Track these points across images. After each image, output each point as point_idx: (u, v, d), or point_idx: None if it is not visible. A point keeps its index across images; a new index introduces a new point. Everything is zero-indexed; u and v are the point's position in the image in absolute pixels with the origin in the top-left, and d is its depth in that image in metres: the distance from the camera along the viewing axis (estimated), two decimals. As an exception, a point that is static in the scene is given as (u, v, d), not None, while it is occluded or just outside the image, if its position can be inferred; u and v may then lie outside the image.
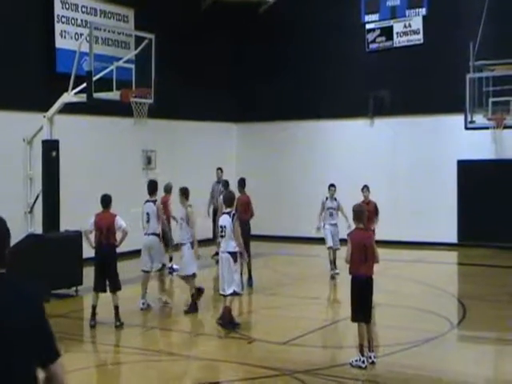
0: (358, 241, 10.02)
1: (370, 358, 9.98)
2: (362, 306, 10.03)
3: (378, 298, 14.17)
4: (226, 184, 18.10)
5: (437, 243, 21.50)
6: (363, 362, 9.81)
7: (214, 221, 19.21)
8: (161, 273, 14.27)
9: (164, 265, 14.34)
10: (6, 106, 17.35)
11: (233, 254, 11.89)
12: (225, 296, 12.06)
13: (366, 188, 16.84)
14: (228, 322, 12.04)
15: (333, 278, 16.78)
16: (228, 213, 12.01)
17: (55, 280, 14.94)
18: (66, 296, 15.25)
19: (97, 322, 12.61)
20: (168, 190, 17.50)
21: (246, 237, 16.41)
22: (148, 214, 13.92)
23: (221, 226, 11.99)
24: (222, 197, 14.13)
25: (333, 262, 17.05)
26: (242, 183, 16.89)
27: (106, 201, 12.87)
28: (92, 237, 12.85)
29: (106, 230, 12.63)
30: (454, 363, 10.59)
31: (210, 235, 19.41)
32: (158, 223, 13.98)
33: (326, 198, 17.25)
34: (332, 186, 17.52)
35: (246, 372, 10.04)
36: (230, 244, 11.90)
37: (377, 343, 10.37)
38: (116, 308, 12.60)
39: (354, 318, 10.10)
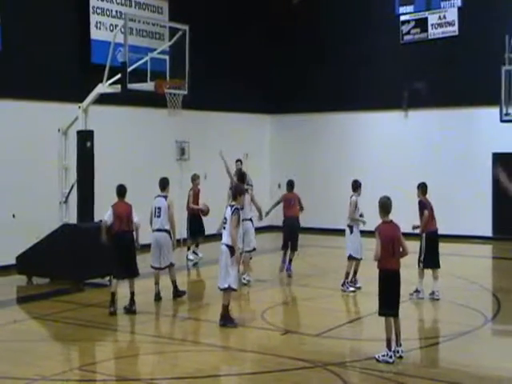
0: (387, 235, 9.95)
1: (398, 352, 9.94)
2: (390, 300, 9.96)
3: (411, 291, 14.14)
4: (241, 175, 16.51)
5: (471, 236, 21.34)
6: (390, 356, 9.77)
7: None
8: (171, 270, 14.09)
9: (172, 264, 14.03)
10: (41, 97, 17.54)
11: (230, 248, 11.74)
12: (220, 289, 11.91)
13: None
14: (226, 319, 11.80)
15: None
16: (231, 206, 11.91)
17: (89, 270, 15.10)
18: (100, 285, 15.39)
19: (116, 309, 12.79)
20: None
21: (289, 231, 16.43)
22: (159, 208, 13.80)
23: (225, 218, 11.92)
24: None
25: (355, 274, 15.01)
26: (290, 184, 16.74)
27: (123, 191, 13.19)
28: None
29: (126, 218, 12.92)
30: (488, 358, 10.50)
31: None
32: (167, 219, 13.81)
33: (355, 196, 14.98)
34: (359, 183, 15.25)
35: (278, 364, 10.05)
36: (228, 237, 11.81)
37: (409, 337, 10.32)
38: (132, 294, 12.86)
39: (382, 312, 10.05)
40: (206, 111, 22.69)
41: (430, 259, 13.85)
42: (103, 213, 13.19)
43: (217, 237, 12.77)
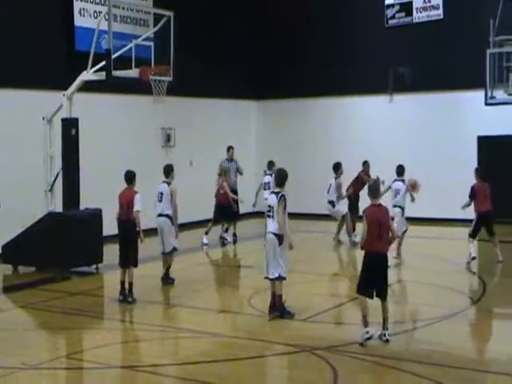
0: (373, 218, 9.98)
1: (385, 335, 10.00)
2: (373, 282, 9.99)
3: (399, 275, 14.24)
4: (271, 164, 18.97)
5: (457, 220, 21.41)
6: (367, 332, 9.85)
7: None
8: (170, 255, 14.09)
9: (175, 248, 14.08)
10: (25, 85, 17.41)
11: (278, 236, 11.27)
12: (270, 279, 11.52)
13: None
14: (283, 310, 11.47)
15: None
16: (276, 193, 11.38)
17: (76, 258, 15.07)
18: (87, 274, 15.38)
19: (128, 298, 12.76)
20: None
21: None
22: (162, 193, 13.86)
23: (269, 206, 11.42)
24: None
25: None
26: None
27: (128, 177, 13.01)
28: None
29: (125, 206, 12.75)
30: (474, 339, 10.60)
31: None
32: (170, 205, 13.81)
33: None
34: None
35: (266, 349, 10.11)
36: (275, 225, 11.28)
37: (397, 319, 10.38)
38: (130, 284, 12.76)
39: (359, 291, 10.07)
40: (192, 98, 22.60)
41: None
42: (89, 201, 13.19)
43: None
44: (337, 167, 18.90)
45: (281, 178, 11.48)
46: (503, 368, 9.19)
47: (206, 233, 18.98)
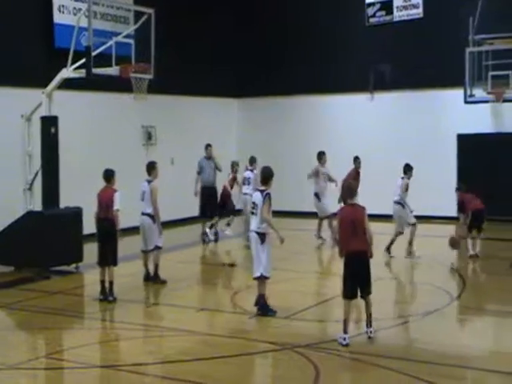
0: (345, 216, 10.02)
1: (368, 333, 10.03)
2: (355, 282, 9.97)
3: (378, 272, 14.25)
4: (252, 160, 18.78)
5: (436, 217, 21.53)
6: (344, 339, 9.79)
7: (205, 199, 19.24)
8: (155, 254, 14.04)
9: (158, 247, 14.01)
10: (4, 83, 17.26)
11: (260, 235, 11.27)
12: (253, 278, 11.56)
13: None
14: (265, 309, 11.48)
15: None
16: (261, 191, 11.34)
17: (55, 257, 14.97)
18: (67, 273, 15.28)
19: (108, 297, 12.70)
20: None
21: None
22: (144, 192, 13.84)
23: (253, 203, 11.39)
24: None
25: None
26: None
27: (106, 175, 12.95)
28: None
29: (104, 204, 12.69)
30: (454, 336, 10.65)
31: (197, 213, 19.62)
32: (150, 204, 13.76)
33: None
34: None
35: (248, 346, 10.09)
36: (258, 223, 11.26)
37: (377, 317, 10.40)
38: (110, 283, 12.69)
39: (345, 296, 10.02)
40: (173, 95, 22.54)
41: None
42: (68, 199, 13.10)
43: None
44: (319, 156, 18.81)
45: (265, 175, 11.48)
46: (483, 364, 9.24)
47: (211, 227, 19.26)
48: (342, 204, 11.19)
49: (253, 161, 18.68)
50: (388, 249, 16.39)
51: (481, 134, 21.87)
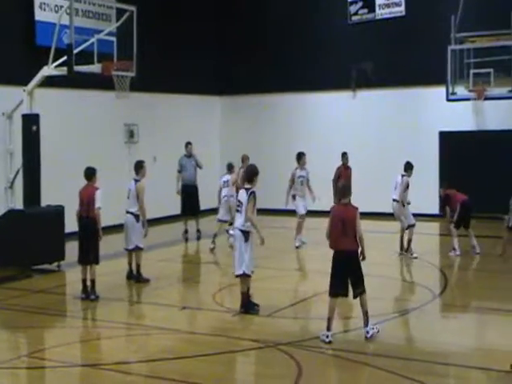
0: (336, 215, 10.05)
1: (368, 332, 10.03)
2: (341, 281, 9.97)
3: (362, 269, 14.26)
4: (230, 167, 18.43)
5: (419, 214, 21.59)
6: (327, 336, 9.82)
7: (185, 198, 19.17)
8: (136, 253, 13.97)
9: (139, 247, 13.89)
10: (-15, 80, 17.18)
11: (244, 233, 11.30)
12: (235, 276, 11.56)
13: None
14: (248, 306, 11.49)
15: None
16: (246, 189, 11.37)
17: (37, 255, 14.90)
18: (49, 271, 15.21)
19: (90, 295, 12.66)
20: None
21: None
22: (130, 190, 13.84)
23: (239, 201, 11.43)
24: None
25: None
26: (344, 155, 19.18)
27: (87, 173, 12.89)
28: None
29: (86, 202, 12.64)
30: (436, 333, 10.69)
31: (178, 211, 19.59)
32: (136, 203, 13.72)
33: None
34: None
35: (230, 344, 10.09)
36: (242, 221, 11.28)
37: (360, 315, 10.43)
38: (92, 281, 12.65)
39: (330, 293, 10.05)
40: (155, 93, 22.48)
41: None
42: (50, 198, 13.04)
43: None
44: (298, 157, 18.17)
45: (250, 173, 11.54)
46: (463, 360, 9.29)
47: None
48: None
49: (231, 167, 18.34)
50: (406, 250, 16.40)
51: (462, 131, 22.00)
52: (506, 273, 14.68)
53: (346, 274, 9.99)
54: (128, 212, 13.83)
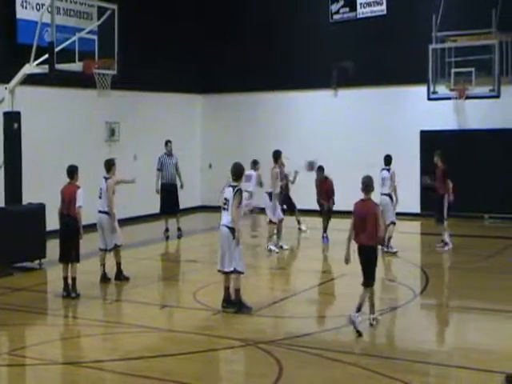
0: (358, 211, 10.42)
1: (370, 319, 10.45)
2: (365, 273, 10.41)
3: (343, 268, 14.35)
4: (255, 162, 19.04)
5: (400, 213, 21.68)
6: (357, 317, 10.15)
7: (165, 196, 19.12)
8: (116, 251, 13.89)
9: (117, 245, 13.82)
10: (-35, 78, 17.08)
11: (232, 230, 11.31)
12: (223, 273, 11.57)
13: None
14: (241, 305, 11.50)
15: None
16: (233, 186, 11.42)
17: (18, 253, 14.84)
18: (30, 269, 15.16)
19: (71, 293, 12.63)
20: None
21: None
22: (101, 189, 13.75)
23: (225, 199, 11.43)
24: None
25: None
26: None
27: (69, 171, 12.88)
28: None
29: (67, 201, 12.63)
30: (417, 332, 10.77)
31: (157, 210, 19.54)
32: (106, 201, 13.63)
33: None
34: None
35: (210, 343, 10.12)
36: (229, 218, 11.32)
37: (341, 313, 10.50)
38: (73, 279, 12.65)
39: (363, 283, 10.49)
40: (137, 91, 22.43)
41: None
42: (31, 195, 13.01)
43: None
44: (275, 155, 17.91)
45: (236, 171, 11.59)
46: (443, 359, 9.36)
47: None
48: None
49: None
50: (387, 246, 16.37)
51: (444, 130, 22.11)
52: (488, 272, 14.79)
53: (363, 266, 10.43)
54: (101, 211, 13.69)
